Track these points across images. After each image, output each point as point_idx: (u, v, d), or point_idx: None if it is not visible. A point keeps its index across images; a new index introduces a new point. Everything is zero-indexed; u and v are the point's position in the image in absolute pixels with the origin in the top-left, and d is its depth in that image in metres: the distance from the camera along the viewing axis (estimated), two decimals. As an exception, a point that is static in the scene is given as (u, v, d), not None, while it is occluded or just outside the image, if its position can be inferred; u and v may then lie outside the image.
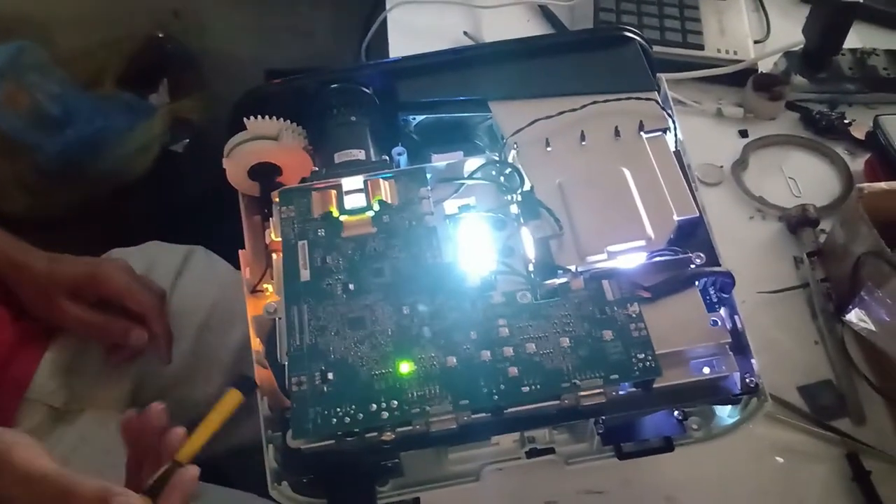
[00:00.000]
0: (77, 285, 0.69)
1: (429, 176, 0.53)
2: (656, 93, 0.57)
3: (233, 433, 0.80)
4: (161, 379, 0.75)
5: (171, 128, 1.27)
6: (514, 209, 0.51)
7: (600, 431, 0.48)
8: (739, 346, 0.48)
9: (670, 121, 0.55)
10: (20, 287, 0.69)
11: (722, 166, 0.78)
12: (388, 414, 0.43)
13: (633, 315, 0.46)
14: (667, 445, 0.49)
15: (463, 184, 0.53)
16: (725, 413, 0.50)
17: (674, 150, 0.55)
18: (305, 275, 0.48)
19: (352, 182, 0.52)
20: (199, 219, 0.98)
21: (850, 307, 0.62)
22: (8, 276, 0.69)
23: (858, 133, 0.80)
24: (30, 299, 0.69)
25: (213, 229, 0.88)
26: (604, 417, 0.47)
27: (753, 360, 0.47)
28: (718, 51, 0.84)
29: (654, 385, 0.45)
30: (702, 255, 0.48)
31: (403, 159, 0.56)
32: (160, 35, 1.33)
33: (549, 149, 0.54)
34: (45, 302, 0.69)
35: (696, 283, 0.48)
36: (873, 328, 0.60)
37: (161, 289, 0.74)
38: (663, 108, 0.55)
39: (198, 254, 0.84)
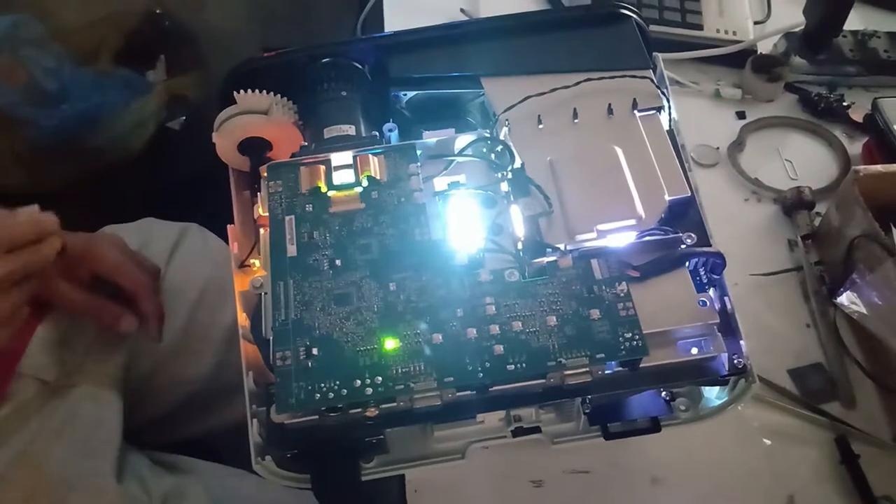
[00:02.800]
0: (70, 261, 0.68)
1: (419, 152, 0.52)
2: (651, 71, 0.56)
3: (226, 409, 0.81)
4: (153, 355, 0.75)
5: (167, 105, 1.26)
6: (504, 187, 0.51)
7: (587, 411, 0.48)
8: (728, 327, 0.47)
9: (664, 100, 0.54)
10: None
11: (718, 147, 0.77)
12: (371, 390, 0.42)
13: (622, 294, 0.45)
14: (654, 426, 0.49)
15: (453, 160, 0.52)
16: (713, 394, 0.50)
17: (667, 129, 0.54)
18: (292, 250, 0.48)
19: (341, 157, 0.51)
20: (194, 195, 0.98)
21: (843, 290, 0.61)
22: None
23: (857, 116, 0.79)
24: None
25: (209, 206, 0.87)
26: (590, 397, 0.47)
27: (742, 342, 0.47)
28: (717, 31, 0.83)
29: (641, 365, 0.44)
30: (692, 235, 0.48)
31: (394, 135, 0.56)
32: (158, 11, 1.32)
33: (540, 126, 0.53)
34: (38, 279, 0.68)
35: (686, 263, 0.47)
36: (865, 311, 0.60)
37: (155, 266, 0.74)
38: (658, 87, 0.55)
39: (192, 231, 0.84)
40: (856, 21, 0.86)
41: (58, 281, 0.68)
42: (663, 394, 0.49)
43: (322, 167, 0.51)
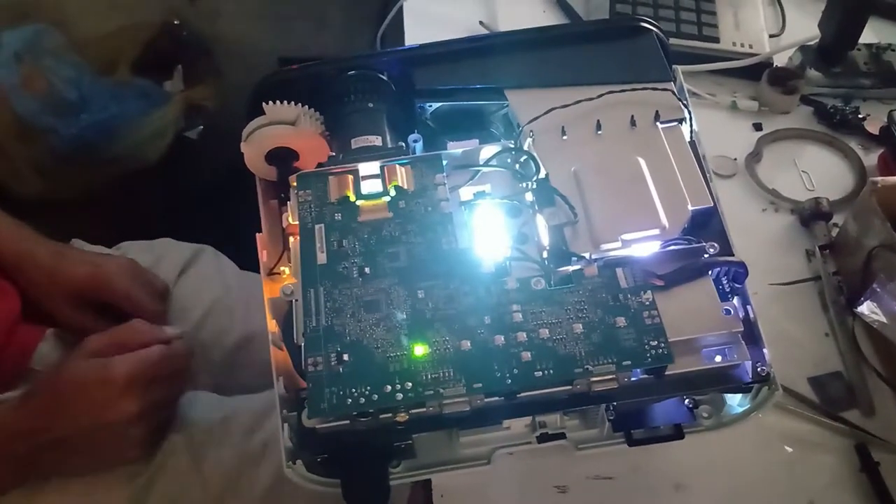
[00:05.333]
0: (78, 287, 0.69)
1: (444, 163, 0.53)
2: (672, 84, 0.57)
3: None
4: None
5: (185, 114, 1.28)
6: (528, 196, 0.52)
7: (611, 418, 0.48)
8: (751, 335, 0.48)
9: (686, 112, 0.55)
10: (23, 279, 0.69)
11: (736, 159, 0.78)
12: (402, 395, 0.43)
13: (647, 302, 0.46)
14: (677, 433, 0.49)
15: (478, 171, 0.53)
16: (736, 402, 0.50)
17: (689, 140, 0.55)
18: (322, 258, 0.49)
19: (368, 167, 0.52)
20: (212, 204, 0.99)
21: (862, 299, 0.62)
22: (13, 266, 0.69)
23: (872, 128, 0.80)
24: (32, 293, 0.69)
25: (226, 215, 0.89)
26: (615, 404, 0.47)
27: (765, 350, 0.47)
28: (734, 44, 0.84)
29: (666, 372, 0.45)
30: (715, 244, 0.49)
31: (419, 146, 0.57)
32: (175, 22, 1.33)
33: (564, 137, 0.54)
34: (47, 300, 0.69)
35: (710, 272, 0.48)
36: (884, 320, 0.60)
37: (164, 283, 0.74)
38: (679, 99, 0.56)
39: (206, 253, 0.84)
40: (870, 35, 0.87)
41: (65, 307, 0.69)
42: (686, 401, 0.50)
43: (350, 177, 0.52)
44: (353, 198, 0.51)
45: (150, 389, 0.59)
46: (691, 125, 0.55)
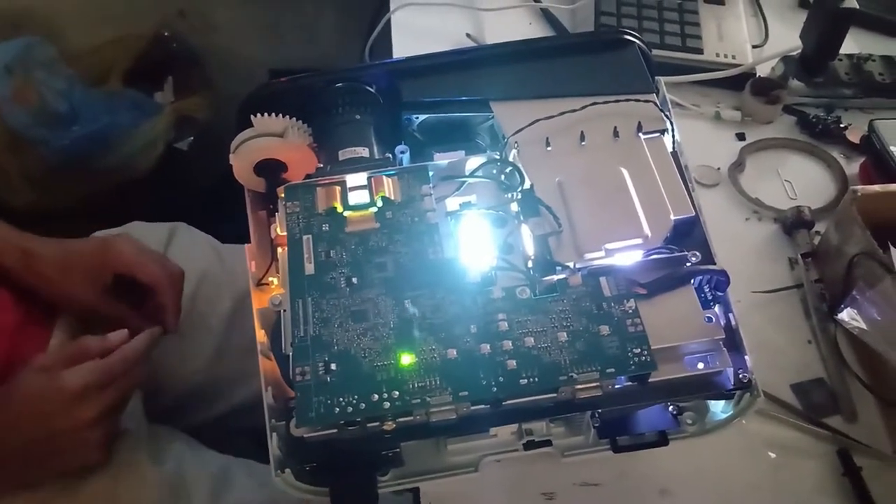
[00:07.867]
0: (90, 265, 0.69)
1: (431, 174, 0.54)
2: (655, 95, 0.58)
3: (230, 394, 0.82)
4: (158, 349, 0.76)
5: (176, 125, 1.28)
6: (514, 207, 0.52)
7: (596, 425, 0.49)
8: (733, 342, 0.49)
9: (668, 122, 0.56)
10: (32, 277, 0.69)
11: (719, 168, 0.79)
12: (389, 404, 0.44)
13: (630, 311, 0.47)
14: (661, 439, 0.50)
15: (464, 182, 0.54)
16: (719, 408, 0.51)
17: (671, 151, 0.56)
18: (310, 268, 0.49)
19: (356, 179, 0.53)
20: (202, 215, 0.99)
21: (843, 307, 0.63)
22: (17, 264, 0.69)
23: (854, 137, 0.81)
24: (43, 290, 0.70)
25: (217, 226, 0.89)
26: (600, 411, 0.48)
27: (747, 357, 0.48)
28: (717, 55, 0.85)
29: (650, 379, 0.46)
30: (697, 253, 0.49)
31: (406, 157, 0.57)
32: (166, 34, 1.34)
33: (549, 148, 0.55)
34: (60, 291, 0.70)
35: (692, 280, 0.49)
36: (865, 327, 0.61)
37: (177, 266, 0.74)
38: (661, 110, 0.57)
39: (181, 229, 0.86)
40: (851, 45, 0.88)
41: (78, 292, 0.69)
42: (670, 408, 0.50)
43: (338, 188, 0.53)
44: (340, 209, 0.52)
45: (105, 394, 0.61)
46: (673, 136, 0.56)
